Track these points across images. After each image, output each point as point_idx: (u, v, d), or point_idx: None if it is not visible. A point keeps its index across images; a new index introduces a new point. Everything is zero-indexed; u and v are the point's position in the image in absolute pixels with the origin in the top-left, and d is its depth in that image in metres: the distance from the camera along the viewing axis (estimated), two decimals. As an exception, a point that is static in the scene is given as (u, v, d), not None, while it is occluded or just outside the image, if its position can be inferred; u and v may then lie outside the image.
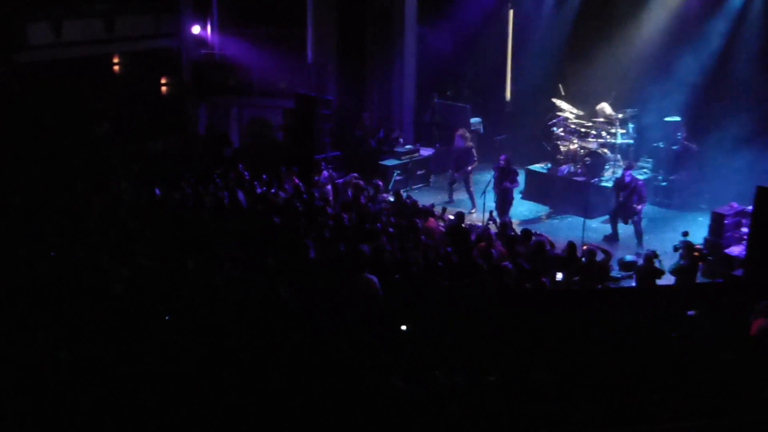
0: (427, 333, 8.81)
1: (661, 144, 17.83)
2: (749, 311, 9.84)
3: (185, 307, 9.27)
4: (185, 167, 17.33)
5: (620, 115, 17.96)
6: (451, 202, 18.11)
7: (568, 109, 18.52)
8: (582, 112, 18.51)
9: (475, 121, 20.40)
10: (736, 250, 13.84)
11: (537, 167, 18.75)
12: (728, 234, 14.35)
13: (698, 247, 13.16)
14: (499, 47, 21.57)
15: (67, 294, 9.65)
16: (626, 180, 15.64)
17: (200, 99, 21.87)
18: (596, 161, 17.62)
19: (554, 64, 19.91)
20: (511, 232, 14.16)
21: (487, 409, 6.82)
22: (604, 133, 17.99)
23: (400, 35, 20.36)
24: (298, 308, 9.24)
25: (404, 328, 9.07)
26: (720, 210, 14.59)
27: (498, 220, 15.13)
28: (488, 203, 16.16)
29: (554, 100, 18.73)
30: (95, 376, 7.54)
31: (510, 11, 21.32)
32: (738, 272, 12.92)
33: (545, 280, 11.68)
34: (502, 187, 16.53)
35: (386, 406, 6.75)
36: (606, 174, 17.64)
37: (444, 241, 13.07)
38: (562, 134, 18.45)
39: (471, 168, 18.05)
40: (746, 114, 16.63)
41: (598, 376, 7.64)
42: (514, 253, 12.80)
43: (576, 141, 18.16)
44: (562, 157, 18.29)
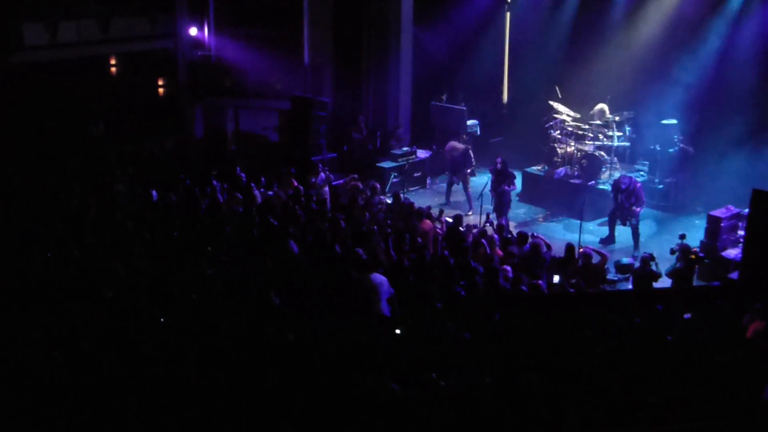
0: (423, 335, 8.79)
1: (657, 147, 17.82)
2: (745, 314, 9.85)
3: (180, 308, 9.24)
4: (181, 168, 17.28)
5: (617, 118, 17.95)
6: (448, 204, 18.12)
7: (564, 112, 18.51)
8: (579, 115, 18.51)
9: (472, 123, 20.38)
10: (733, 253, 13.85)
11: (534, 169, 18.77)
12: (724, 237, 14.37)
13: (695, 250, 13.15)
14: (496, 50, 21.57)
15: (63, 295, 9.62)
16: (624, 182, 15.63)
17: (196, 100, 21.83)
18: (593, 164, 17.63)
19: (551, 66, 19.91)
20: (508, 234, 14.16)
21: (482, 411, 6.81)
22: (600, 136, 18.00)
23: (397, 37, 20.34)
24: (293, 310, 9.22)
25: (398, 331, 9.07)
26: (716, 213, 14.61)
27: (495, 223, 15.11)
28: (486, 205, 16.15)
29: (551, 102, 18.72)
30: (90, 376, 7.52)
31: (507, 14, 21.32)
32: (734, 275, 12.92)
33: (542, 283, 11.68)
34: (499, 190, 16.52)
35: (381, 408, 6.74)
36: (603, 176, 17.64)
37: (441, 243, 13.05)
38: (559, 137, 18.45)
39: (469, 171, 18.05)
40: (742, 117, 16.65)
41: (594, 378, 7.63)
42: (510, 255, 12.80)
43: (573, 143, 18.16)
44: (559, 159, 18.30)
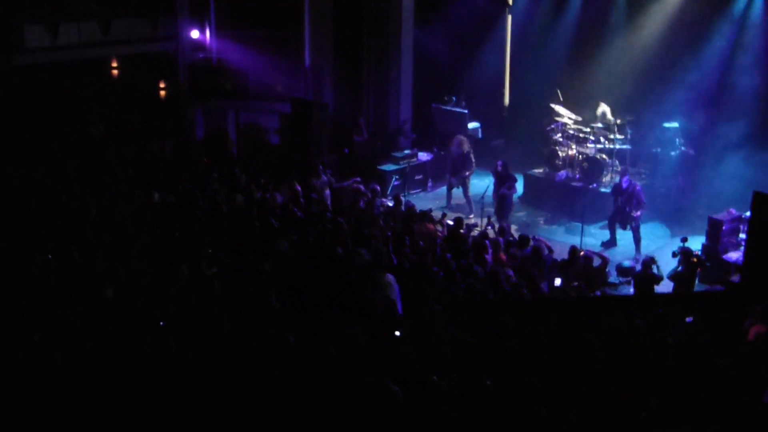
0: (424, 337, 8.77)
1: (659, 150, 17.81)
2: (747, 317, 9.83)
3: (180, 309, 9.22)
4: (182, 170, 17.27)
5: (618, 121, 17.93)
6: (449, 207, 18.09)
7: (566, 115, 18.48)
8: (580, 118, 18.49)
9: (473, 126, 20.35)
10: (734, 256, 13.83)
11: (535, 172, 18.75)
12: (726, 240, 14.34)
13: (696, 253, 13.13)
14: (498, 52, 21.55)
15: (63, 296, 9.60)
16: (624, 185, 15.61)
17: (197, 102, 21.81)
18: (594, 167, 17.60)
19: (552, 69, 19.89)
20: (510, 237, 14.14)
21: (483, 414, 6.78)
22: (602, 139, 17.97)
23: (397, 40, 20.31)
24: (293, 311, 9.20)
25: (397, 333, 9.05)
26: (718, 216, 14.58)
27: (496, 225, 15.09)
28: (487, 208, 16.12)
29: (552, 105, 18.70)
30: (90, 377, 7.50)
31: (508, 16, 21.31)
32: (736, 278, 12.90)
33: (543, 286, 11.65)
34: (500, 193, 16.49)
35: (381, 410, 6.71)
36: (604, 179, 17.61)
37: (442, 246, 13.02)
38: (560, 139, 18.43)
39: (468, 173, 18.02)
40: (744, 120, 16.62)
41: (595, 381, 7.61)
42: (512, 257, 12.78)
43: (574, 146, 18.14)
44: (560, 162, 18.28)
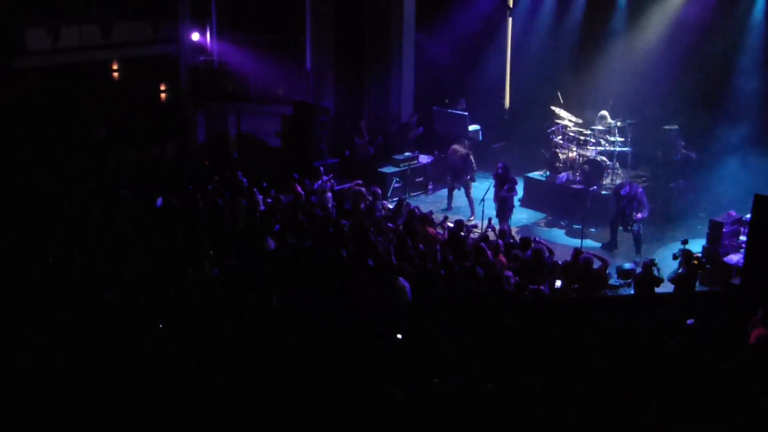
0: (425, 340, 8.77)
1: (659, 152, 17.81)
2: (747, 320, 9.83)
3: (181, 312, 9.23)
4: (183, 173, 17.30)
5: (619, 123, 17.94)
6: (449, 209, 18.10)
7: (566, 117, 18.49)
8: (581, 120, 18.49)
9: (474, 128, 20.36)
10: (735, 258, 13.82)
11: (535, 175, 18.76)
12: (726, 242, 14.33)
13: (697, 255, 13.13)
14: (498, 55, 21.57)
15: (65, 299, 9.61)
16: (625, 188, 15.61)
17: (198, 105, 21.84)
18: (595, 169, 17.60)
19: (553, 71, 19.92)
20: (511, 240, 14.14)
21: (483, 416, 6.78)
22: (602, 141, 17.98)
23: (399, 43, 20.34)
24: (294, 313, 9.21)
25: (399, 336, 9.05)
26: (718, 218, 14.57)
27: (497, 228, 15.09)
28: (487, 210, 16.12)
29: (553, 107, 18.71)
30: (91, 380, 7.51)
31: (509, 19, 21.34)
32: (736, 280, 12.90)
33: (544, 288, 11.66)
34: (501, 196, 16.49)
35: (383, 412, 6.72)
36: (604, 182, 17.62)
37: (443, 248, 13.03)
38: (561, 142, 18.44)
39: (470, 177, 18.01)
40: (745, 122, 16.63)
41: (595, 383, 7.60)
42: (513, 258, 12.77)
43: (574, 149, 18.15)
44: (561, 164, 18.30)
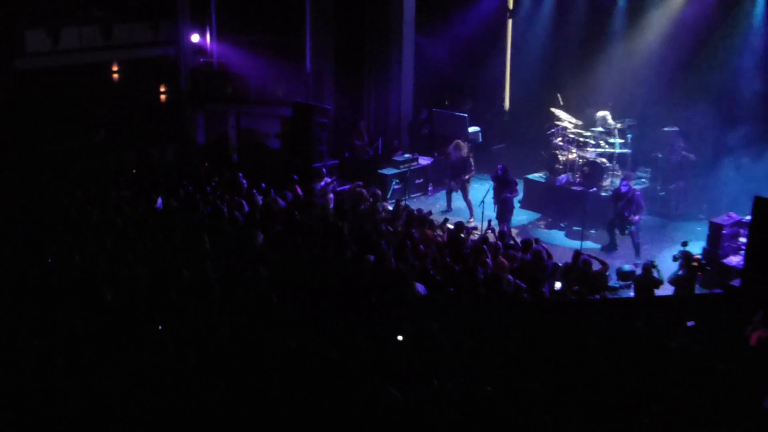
0: (425, 341, 8.77)
1: (659, 154, 17.83)
2: (747, 321, 9.82)
3: (180, 313, 9.23)
4: (183, 174, 17.29)
5: (618, 125, 17.94)
6: (449, 211, 18.10)
7: (566, 119, 18.49)
8: (580, 122, 18.50)
9: (473, 130, 20.37)
10: (735, 260, 13.83)
11: (535, 176, 18.76)
12: (726, 244, 14.34)
13: (697, 257, 13.13)
14: (498, 57, 21.60)
15: (64, 301, 9.60)
16: (623, 190, 15.60)
17: (198, 107, 21.83)
18: (594, 171, 17.61)
19: (553, 73, 19.94)
20: (510, 241, 14.14)
21: (483, 418, 6.78)
22: (602, 143, 17.98)
23: (398, 45, 20.35)
24: (294, 315, 9.21)
25: (400, 338, 9.04)
26: (718, 220, 14.58)
27: (496, 229, 15.08)
28: (487, 212, 16.12)
29: (553, 109, 18.71)
30: (90, 382, 7.50)
31: (509, 21, 21.35)
32: (736, 282, 12.89)
33: (544, 290, 11.65)
34: (501, 197, 16.48)
35: (383, 415, 6.71)
36: (604, 184, 17.62)
37: (442, 250, 13.02)
38: (561, 143, 18.44)
39: (468, 177, 18.01)
40: (744, 124, 16.64)
41: (595, 386, 7.60)
42: (513, 259, 12.77)
43: (574, 150, 18.15)
44: (561, 166, 18.29)
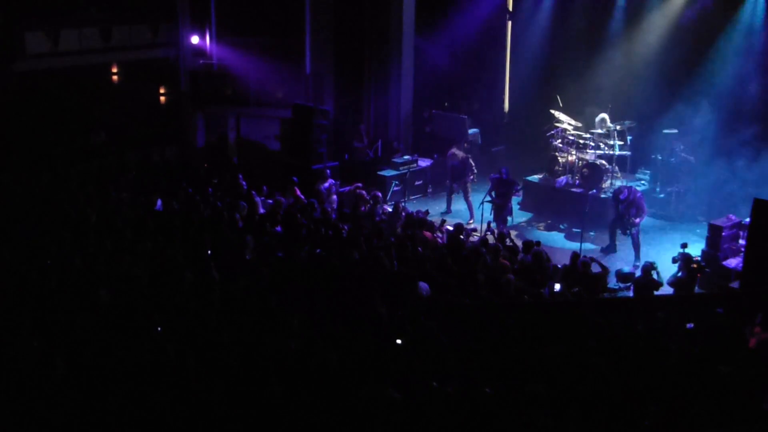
0: (424, 343, 8.77)
1: (658, 156, 17.84)
2: (747, 323, 9.83)
3: (180, 315, 9.22)
4: (183, 176, 17.30)
5: (618, 127, 17.95)
6: (449, 212, 18.12)
7: (566, 121, 18.51)
8: (580, 124, 18.52)
9: (473, 132, 20.40)
10: (734, 262, 13.84)
11: (535, 178, 18.77)
12: (726, 246, 14.35)
13: (696, 259, 13.14)
14: (497, 59, 21.61)
15: (64, 302, 9.60)
16: (624, 192, 15.62)
17: (198, 109, 21.86)
18: (594, 173, 17.62)
19: (552, 75, 19.94)
20: (510, 243, 14.14)
21: (483, 420, 6.77)
22: (602, 145, 17.99)
23: (398, 46, 20.39)
24: (294, 317, 9.20)
25: (399, 342, 9.03)
26: (717, 222, 14.59)
27: (496, 231, 15.09)
28: (487, 214, 16.13)
29: (552, 111, 18.73)
30: (89, 384, 7.49)
31: (508, 23, 21.37)
32: (735, 284, 12.91)
33: (544, 291, 11.65)
34: (501, 199, 16.48)
35: (382, 417, 6.71)
36: (604, 185, 17.63)
37: (442, 252, 13.02)
38: (560, 145, 18.45)
39: (471, 178, 18.02)
40: (744, 126, 16.66)
41: (595, 387, 7.60)
42: (512, 263, 12.77)
43: (574, 152, 18.17)
44: (560, 168, 18.30)
